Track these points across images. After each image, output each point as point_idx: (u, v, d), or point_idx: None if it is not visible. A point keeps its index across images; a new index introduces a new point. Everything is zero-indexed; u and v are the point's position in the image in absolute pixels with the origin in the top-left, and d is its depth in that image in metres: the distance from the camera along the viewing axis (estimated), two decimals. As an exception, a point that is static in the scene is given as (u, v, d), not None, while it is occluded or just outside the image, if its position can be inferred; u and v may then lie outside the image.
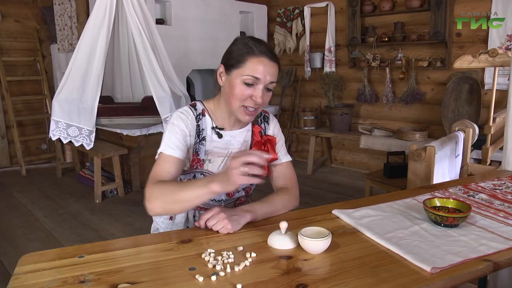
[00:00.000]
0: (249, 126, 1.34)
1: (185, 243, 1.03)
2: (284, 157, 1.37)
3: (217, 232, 1.08)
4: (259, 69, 1.16)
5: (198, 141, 1.26)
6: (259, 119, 1.36)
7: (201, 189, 1.04)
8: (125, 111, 3.78)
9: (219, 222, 1.08)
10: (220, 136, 1.28)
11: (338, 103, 4.52)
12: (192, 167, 1.28)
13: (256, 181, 1.00)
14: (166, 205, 1.09)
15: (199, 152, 1.27)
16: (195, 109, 1.28)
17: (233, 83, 1.19)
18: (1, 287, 2.14)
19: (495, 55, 2.27)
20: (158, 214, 1.17)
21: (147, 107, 3.70)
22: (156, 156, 1.21)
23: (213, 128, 1.28)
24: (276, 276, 0.87)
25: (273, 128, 1.38)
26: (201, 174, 1.28)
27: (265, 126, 1.36)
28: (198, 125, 1.26)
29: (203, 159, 1.27)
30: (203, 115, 1.28)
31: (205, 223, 1.10)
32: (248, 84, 1.17)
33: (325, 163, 4.91)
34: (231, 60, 1.20)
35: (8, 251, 2.73)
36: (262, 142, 1.30)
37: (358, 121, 4.57)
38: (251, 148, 1.32)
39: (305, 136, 4.90)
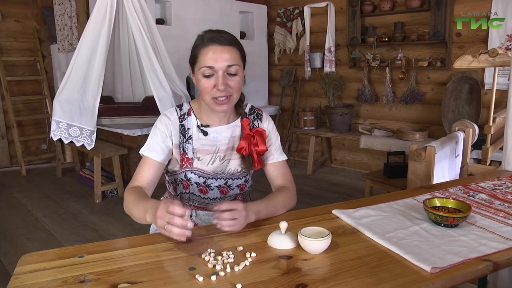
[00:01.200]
0: (237, 122, 1.33)
1: (185, 243, 1.03)
2: (280, 156, 1.37)
3: (218, 232, 1.08)
4: (212, 57, 1.17)
5: (184, 140, 1.28)
6: (252, 117, 1.36)
7: (142, 213, 1.09)
8: (126, 111, 3.79)
9: (238, 220, 1.05)
10: (205, 133, 1.29)
11: (338, 103, 4.52)
12: (182, 166, 1.29)
13: (175, 238, 0.97)
14: (127, 212, 1.19)
15: (187, 151, 1.28)
16: (181, 110, 1.31)
17: (197, 79, 1.22)
18: (1, 287, 2.15)
19: (495, 55, 2.27)
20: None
21: (148, 107, 3.70)
22: (140, 151, 1.29)
23: (198, 126, 1.30)
24: (276, 276, 0.87)
25: (267, 126, 1.37)
26: (191, 172, 1.29)
27: (258, 123, 1.36)
28: (182, 125, 1.29)
29: (191, 158, 1.28)
30: (189, 114, 1.31)
31: (221, 211, 1.05)
32: (207, 76, 1.19)
33: (325, 163, 4.91)
34: (191, 59, 1.24)
35: (8, 251, 2.73)
36: (251, 135, 1.30)
37: (358, 121, 4.57)
38: (240, 141, 1.31)
39: (305, 136, 4.90)
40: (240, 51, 1.22)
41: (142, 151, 1.28)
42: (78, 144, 3.57)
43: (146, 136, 3.68)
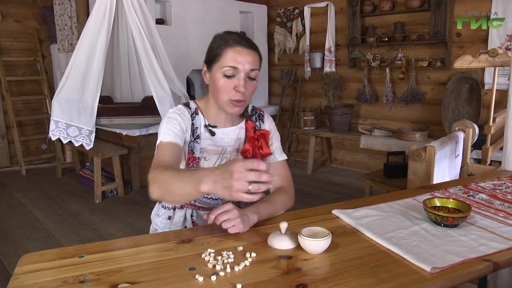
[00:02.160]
0: (242, 124, 1.34)
1: (185, 243, 1.03)
2: (280, 155, 1.37)
3: (218, 232, 1.08)
4: (236, 58, 1.17)
5: (193, 139, 1.28)
6: (254, 117, 1.36)
7: (191, 186, 0.92)
8: (126, 111, 3.78)
9: (231, 220, 1.04)
10: (212, 134, 1.29)
11: (338, 103, 4.52)
12: (188, 165, 1.29)
13: (254, 198, 0.88)
14: (162, 193, 1.02)
15: (194, 150, 1.28)
16: (189, 108, 1.30)
17: (215, 78, 1.20)
18: (1, 287, 2.15)
19: (495, 55, 2.27)
20: (157, 199, 1.07)
21: (148, 107, 3.70)
22: (156, 148, 1.19)
23: (205, 126, 1.29)
24: (276, 276, 0.87)
25: (269, 126, 1.38)
26: None
27: (259, 124, 1.36)
28: (192, 123, 1.28)
29: (198, 157, 1.28)
30: (196, 113, 1.30)
31: (215, 219, 1.05)
32: (229, 76, 1.18)
33: (325, 163, 4.91)
34: (210, 56, 1.23)
35: (8, 251, 2.73)
36: (255, 138, 1.30)
37: (358, 121, 4.57)
38: (244, 143, 1.31)
39: (305, 136, 4.90)
40: (260, 57, 1.23)
41: (162, 138, 1.18)
42: (76, 144, 3.57)
43: (146, 136, 3.70)
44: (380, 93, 4.35)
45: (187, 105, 1.31)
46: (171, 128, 1.20)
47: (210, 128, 1.29)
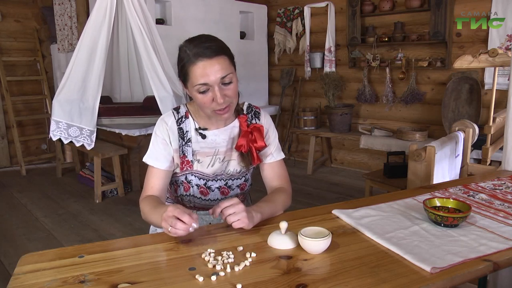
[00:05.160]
0: (235, 123, 1.32)
1: (185, 243, 1.03)
2: (278, 155, 1.36)
3: (218, 232, 1.08)
4: (202, 73, 1.12)
5: (183, 143, 1.27)
6: (250, 115, 1.34)
7: (159, 219, 1.05)
8: (127, 111, 3.78)
9: (237, 213, 1.04)
10: (203, 137, 1.28)
11: (338, 103, 4.52)
12: (182, 169, 1.29)
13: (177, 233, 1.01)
14: (148, 222, 1.22)
15: (186, 154, 1.27)
16: (178, 112, 1.30)
17: (192, 95, 1.20)
18: (1, 287, 2.15)
19: (495, 55, 2.27)
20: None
21: (149, 107, 3.70)
22: (143, 159, 1.30)
23: (196, 129, 1.29)
24: (276, 276, 0.87)
25: (265, 124, 1.35)
26: (192, 175, 1.29)
27: (255, 122, 1.34)
28: (180, 128, 1.28)
29: (191, 160, 1.28)
30: (186, 117, 1.29)
31: (221, 212, 1.06)
32: (203, 91, 1.15)
33: (325, 163, 4.91)
34: (180, 76, 1.21)
35: (8, 251, 2.73)
36: (249, 131, 1.29)
37: (358, 121, 4.57)
38: (238, 138, 1.31)
39: (305, 136, 4.90)
40: (228, 56, 1.18)
41: (145, 160, 1.28)
42: (77, 144, 3.57)
43: (146, 136, 3.70)
44: (380, 93, 4.35)
45: (177, 109, 1.31)
46: (155, 151, 1.27)
47: (201, 131, 1.28)
